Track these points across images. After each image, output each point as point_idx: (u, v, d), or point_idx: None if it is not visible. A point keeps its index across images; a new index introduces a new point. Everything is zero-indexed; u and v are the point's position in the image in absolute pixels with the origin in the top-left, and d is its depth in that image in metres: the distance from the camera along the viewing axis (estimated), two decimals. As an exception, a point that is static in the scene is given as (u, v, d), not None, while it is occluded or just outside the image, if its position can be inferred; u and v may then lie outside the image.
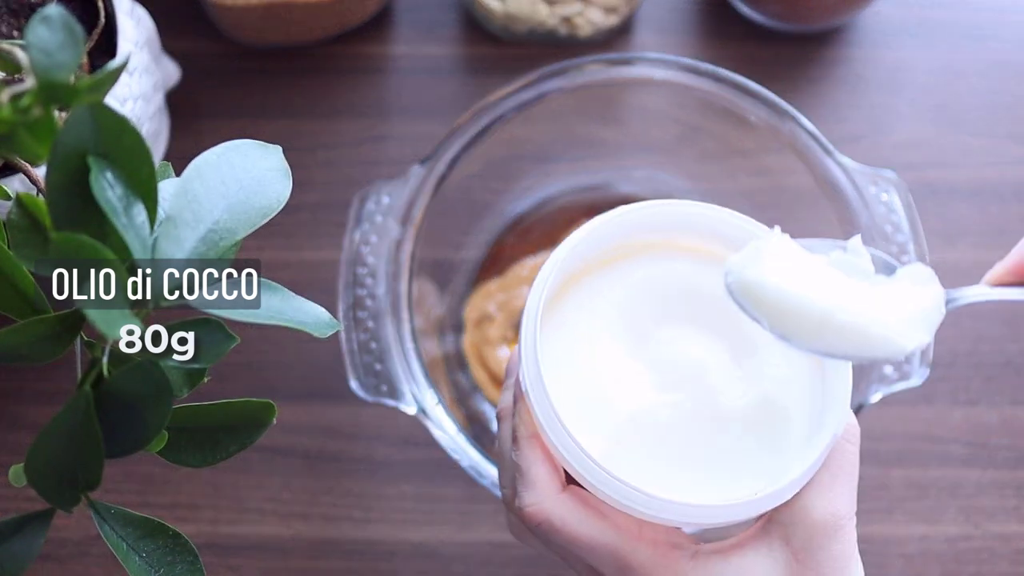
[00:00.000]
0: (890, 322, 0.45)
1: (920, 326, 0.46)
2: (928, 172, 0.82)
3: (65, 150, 0.34)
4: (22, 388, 0.76)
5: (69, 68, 0.33)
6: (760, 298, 0.45)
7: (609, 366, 0.50)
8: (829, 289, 0.45)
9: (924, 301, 0.47)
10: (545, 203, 0.80)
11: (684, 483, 0.47)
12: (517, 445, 0.48)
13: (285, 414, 0.76)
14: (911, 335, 0.45)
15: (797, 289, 0.45)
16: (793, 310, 0.45)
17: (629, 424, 0.48)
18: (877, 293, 0.46)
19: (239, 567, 0.73)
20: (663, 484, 0.46)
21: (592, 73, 0.69)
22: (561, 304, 0.51)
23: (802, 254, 0.47)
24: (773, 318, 0.45)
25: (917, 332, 0.46)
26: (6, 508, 0.73)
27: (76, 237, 0.33)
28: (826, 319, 0.44)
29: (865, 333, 0.44)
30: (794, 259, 0.46)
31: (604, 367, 0.50)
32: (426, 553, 0.74)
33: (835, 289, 0.45)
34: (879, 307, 0.45)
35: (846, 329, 0.44)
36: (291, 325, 0.38)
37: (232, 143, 0.39)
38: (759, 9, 0.82)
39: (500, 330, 0.76)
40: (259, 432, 0.42)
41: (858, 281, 0.46)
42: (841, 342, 0.45)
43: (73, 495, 0.38)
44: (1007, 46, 0.85)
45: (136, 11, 0.71)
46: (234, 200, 0.38)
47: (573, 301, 0.51)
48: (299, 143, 0.82)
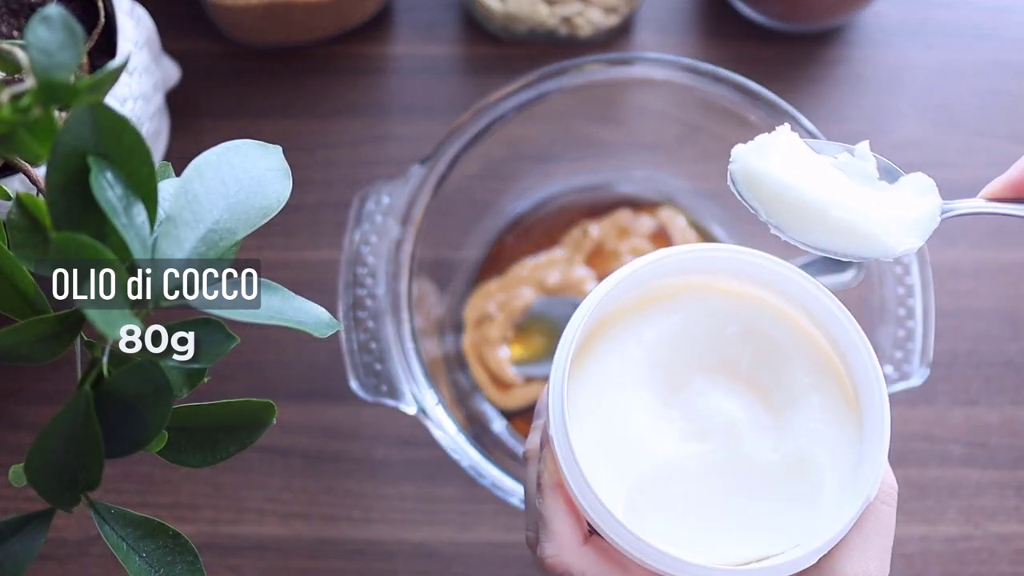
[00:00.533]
0: (882, 223, 0.46)
1: (912, 231, 0.47)
2: (928, 172, 0.81)
3: (65, 150, 0.34)
4: (22, 388, 0.76)
5: (69, 68, 0.33)
6: (760, 187, 0.47)
7: (638, 414, 0.49)
8: (828, 186, 0.46)
9: (921, 208, 0.47)
10: (545, 203, 0.80)
11: (708, 540, 0.46)
12: (541, 493, 0.47)
13: (285, 414, 0.76)
14: (902, 238, 0.46)
15: (796, 182, 0.46)
16: (790, 202, 0.46)
17: (654, 475, 0.47)
18: (876, 196, 0.46)
19: (239, 567, 0.73)
20: (686, 541, 0.45)
21: (592, 73, 0.69)
22: (592, 347, 0.50)
23: (808, 152, 0.47)
24: (770, 208, 0.47)
25: (908, 236, 0.46)
26: (6, 508, 0.73)
27: (76, 237, 0.33)
28: (820, 213, 0.46)
29: (856, 231, 0.46)
30: (799, 155, 0.47)
31: (632, 415, 0.48)
32: (426, 553, 0.74)
33: (834, 187, 0.46)
34: (874, 208, 0.46)
35: (839, 225, 0.45)
36: (291, 325, 0.38)
37: (232, 143, 0.39)
38: (759, 9, 0.82)
39: (500, 330, 0.76)
40: (259, 432, 0.42)
41: (860, 184, 0.47)
42: (832, 237, 0.46)
43: (73, 495, 0.38)
44: (1007, 46, 0.85)
45: (136, 11, 0.71)
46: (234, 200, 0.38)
47: (605, 345, 0.50)
48: (299, 143, 0.82)
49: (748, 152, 0.47)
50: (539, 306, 0.77)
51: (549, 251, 0.78)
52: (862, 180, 0.48)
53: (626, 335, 0.50)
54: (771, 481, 0.47)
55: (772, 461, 0.47)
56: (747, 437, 0.48)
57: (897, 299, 0.65)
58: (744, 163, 0.47)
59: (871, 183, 0.48)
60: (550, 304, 0.77)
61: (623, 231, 0.78)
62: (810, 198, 0.46)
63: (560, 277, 0.77)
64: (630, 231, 0.78)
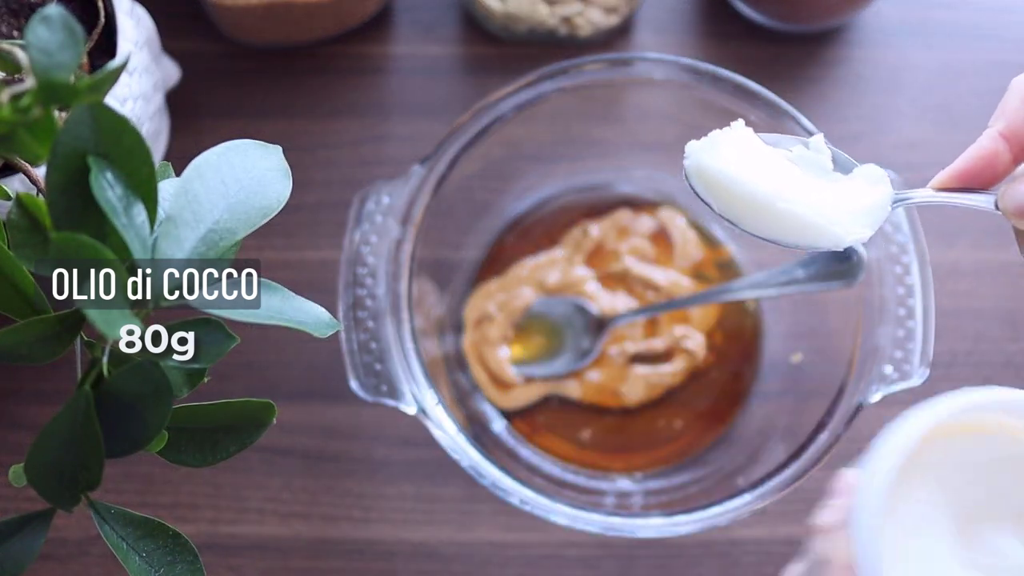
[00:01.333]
0: (830, 214, 0.47)
1: (863, 220, 0.48)
2: (928, 172, 0.81)
3: (65, 150, 0.34)
4: (22, 388, 0.76)
5: (69, 68, 0.33)
6: (711, 182, 0.48)
7: (938, 564, 0.46)
8: (778, 179, 0.47)
9: (872, 199, 0.48)
10: (545, 203, 0.80)
11: None
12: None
13: (285, 414, 0.76)
14: (851, 228, 0.47)
15: (744, 176, 0.47)
16: (739, 195, 0.48)
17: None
18: (829, 187, 0.48)
19: (239, 567, 0.73)
20: None
21: (592, 73, 0.69)
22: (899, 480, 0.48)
23: (761, 146, 0.49)
24: (721, 201, 0.48)
25: (858, 226, 0.47)
26: (6, 508, 0.74)
27: (76, 237, 0.33)
28: (768, 205, 0.47)
29: (804, 221, 0.47)
30: (752, 149, 0.49)
31: (934, 564, 0.46)
32: (426, 553, 0.74)
33: (784, 180, 0.47)
34: (824, 200, 0.47)
35: (786, 216, 0.47)
36: (291, 325, 0.38)
37: (232, 143, 0.39)
38: (759, 9, 0.82)
39: (500, 330, 0.76)
40: (259, 432, 0.42)
41: (815, 176, 0.48)
42: (782, 228, 0.47)
43: (73, 495, 0.38)
44: (1007, 46, 0.85)
45: (136, 11, 0.71)
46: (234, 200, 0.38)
47: (910, 481, 0.48)
48: (299, 143, 0.82)
49: (700, 148, 0.49)
50: (539, 306, 0.77)
51: (549, 251, 0.78)
52: (817, 172, 0.49)
53: (930, 476, 0.49)
54: None
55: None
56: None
57: (897, 299, 0.65)
58: (696, 159, 0.49)
59: (826, 175, 0.49)
60: (550, 304, 0.77)
61: (623, 231, 0.78)
62: (758, 191, 0.47)
63: (560, 277, 0.77)
64: (630, 231, 0.78)
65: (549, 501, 0.62)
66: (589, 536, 0.73)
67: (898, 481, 0.47)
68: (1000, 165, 0.46)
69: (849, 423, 0.63)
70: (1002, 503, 0.47)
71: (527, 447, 0.75)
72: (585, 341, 0.76)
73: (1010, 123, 0.46)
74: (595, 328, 0.75)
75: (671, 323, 0.77)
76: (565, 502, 0.63)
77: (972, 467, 0.48)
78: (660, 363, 0.76)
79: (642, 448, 0.76)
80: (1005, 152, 0.46)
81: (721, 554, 0.74)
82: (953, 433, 0.49)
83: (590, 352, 0.75)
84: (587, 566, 0.74)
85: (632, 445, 0.76)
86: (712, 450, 0.75)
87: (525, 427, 0.76)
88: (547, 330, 0.77)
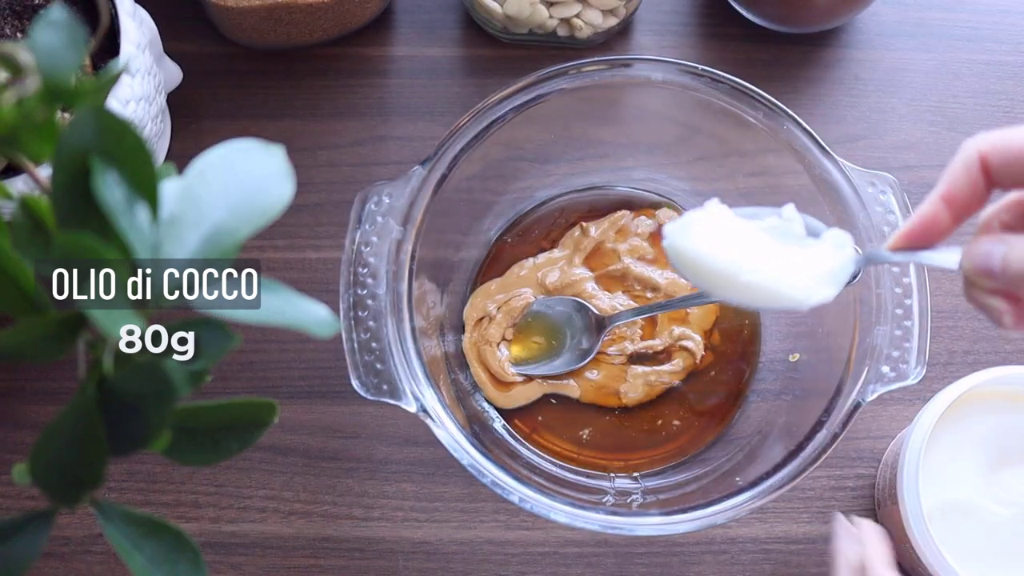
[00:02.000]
0: (793, 281, 0.53)
1: (826, 282, 0.53)
2: (925, 173, 0.82)
3: (68, 151, 0.34)
4: (25, 387, 0.77)
5: (71, 70, 0.34)
6: (685, 262, 0.55)
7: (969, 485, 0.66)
8: (745, 255, 0.54)
9: (835, 262, 0.54)
10: (545, 203, 0.80)
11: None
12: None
13: (287, 413, 0.76)
14: (815, 290, 0.53)
15: (714, 255, 0.54)
16: (709, 271, 0.54)
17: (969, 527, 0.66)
18: (798, 253, 0.53)
19: (241, 565, 0.74)
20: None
21: (591, 75, 0.69)
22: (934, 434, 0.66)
23: (733, 222, 0.55)
24: (695, 277, 0.55)
25: (821, 287, 0.53)
26: (9, 507, 0.74)
27: (80, 237, 0.33)
28: (732, 279, 0.53)
29: (767, 289, 0.53)
30: (723, 228, 0.55)
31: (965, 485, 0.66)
32: (427, 551, 0.74)
33: (751, 254, 0.54)
34: (788, 268, 0.53)
35: (751, 286, 0.53)
36: (292, 325, 0.38)
37: (234, 143, 0.39)
38: (757, 11, 0.82)
39: (500, 329, 0.77)
40: (261, 431, 0.42)
41: (787, 243, 0.54)
42: (749, 295, 0.54)
43: (76, 493, 0.38)
44: (1004, 47, 0.85)
45: (138, 13, 0.71)
46: (236, 200, 0.38)
47: (944, 435, 0.67)
48: (300, 144, 0.82)
49: (675, 230, 0.55)
50: (539, 306, 0.77)
51: (549, 251, 0.79)
52: (789, 239, 0.54)
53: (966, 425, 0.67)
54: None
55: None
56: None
57: (894, 298, 0.65)
58: (671, 240, 0.55)
59: (798, 241, 0.54)
60: (550, 303, 0.77)
61: (622, 231, 0.79)
62: (725, 267, 0.54)
63: (559, 277, 0.77)
64: (629, 231, 0.79)
65: (549, 499, 0.62)
66: (588, 534, 0.74)
67: (941, 425, 0.66)
68: (940, 226, 0.49)
69: (847, 422, 0.63)
70: (1019, 452, 0.66)
71: (527, 446, 0.75)
72: (585, 341, 0.76)
73: (949, 187, 0.48)
74: (595, 328, 0.76)
75: (670, 323, 0.77)
76: (565, 500, 0.63)
77: (999, 424, 0.67)
78: (659, 363, 0.77)
79: (641, 447, 0.76)
80: (945, 215, 0.49)
81: (719, 552, 0.74)
82: (985, 396, 0.67)
83: (590, 352, 0.76)
84: (586, 564, 0.74)
85: (631, 444, 0.76)
86: (711, 449, 0.75)
87: (525, 426, 0.76)
88: (547, 330, 0.77)
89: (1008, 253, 0.46)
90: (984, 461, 0.67)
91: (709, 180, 0.78)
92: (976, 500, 0.66)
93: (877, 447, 0.76)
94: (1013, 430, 0.67)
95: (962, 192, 0.48)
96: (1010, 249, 0.46)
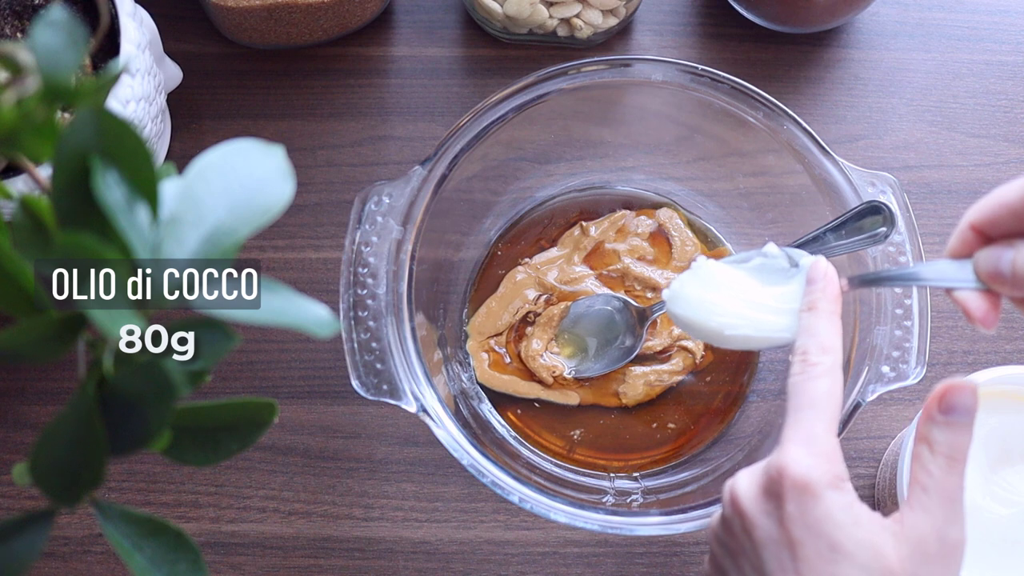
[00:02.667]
0: (771, 323, 0.57)
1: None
2: (925, 172, 0.82)
3: (69, 151, 0.34)
4: (25, 388, 0.77)
5: (71, 70, 0.34)
6: (682, 323, 0.60)
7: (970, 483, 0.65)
8: (728, 308, 0.58)
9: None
10: (545, 203, 0.80)
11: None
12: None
13: (287, 413, 0.76)
14: (793, 327, 0.56)
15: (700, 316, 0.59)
16: (702, 330, 0.59)
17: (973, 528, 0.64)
18: (779, 292, 0.57)
19: (241, 565, 0.74)
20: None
21: (591, 75, 0.69)
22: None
23: (722, 273, 0.59)
24: (692, 333, 0.61)
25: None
26: (9, 507, 0.74)
27: (80, 237, 0.34)
28: (721, 334, 0.58)
29: (750, 338, 0.57)
30: (713, 282, 0.60)
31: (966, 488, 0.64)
32: (427, 551, 0.74)
33: (734, 307, 0.58)
34: (768, 311, 0.57)
35: (736, 338, 0.58)
36: (292, 325, 0.38)
37: (234, 143, 0.39)
38: (757, 11, 0.82)
39: (543, 342, 0.76)
40: (261, 431, 0.42)
41: (774, 280, 0.58)
42: (738, 343, 0.58)
43: (76, 493, 0.38)
44: (1004, 47, 0.85)
45: (138, 13, 0.71)
46: (236, 200, 0.38)
47: None
48: (300, 144, 0.82)
49: (671, 297, 0.61)
50: (577, 307, 0.77)
51: (548, 251, 0.79)
52: (775, 275, 0.58)
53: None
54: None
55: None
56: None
57: (894, 298, 0.65)
58: (670, 307, 0.61)
59: (784, 275, 0.58)
60: (588, 303, 0.77)
61: (622, 231, 0.79)
62: (712, 327, 0.59)
63: (559, 275, 0.77)
64: (629, 231, 0.79)
65: (549, 499, 0.63)
66: (588, 534, 0.74)
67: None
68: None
69: (847, 422, 0.63)
70: (1019, 451, 0.67)
71: (527, 446, 0.75)
72: (628, 337, 0.76)
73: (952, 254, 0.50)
74: (637, 321, 0.75)
75: (670, 323, 0.77)
76: (564, 500, 0.63)
77: (999, 424, 0.67)
78: (659, 362, 0.77)
79: (641, 447, 0.76)
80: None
81: (720, 552, 0.74)
82: (985, 396, 0.67)
83: (635, 347, 0.75)
84: (586, 564, 0.74)
85: (631, 444, 0.76)
86: (711, 449, 0.75)
87: (525, 426, 0.76)
88: (590, 331, 0.77)
89: (1016, 256, 0.46)
90: (984, 461, 0.67)
91: (709, 180, 0.78)
92: (976, 500, 0.66)
93: (877, 447, 0.76)
94: (1013, 430, 0.67)
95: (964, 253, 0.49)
96: (1018, 253, 0.46)
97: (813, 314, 0.54)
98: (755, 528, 0.48)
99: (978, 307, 0.48)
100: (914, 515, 0.47)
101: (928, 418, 0.49)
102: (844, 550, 0.46)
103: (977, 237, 0.49)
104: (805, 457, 0.48)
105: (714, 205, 0.79)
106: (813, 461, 0.47)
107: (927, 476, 0.48)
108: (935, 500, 0.47)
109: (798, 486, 0.47)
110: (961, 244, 0.49)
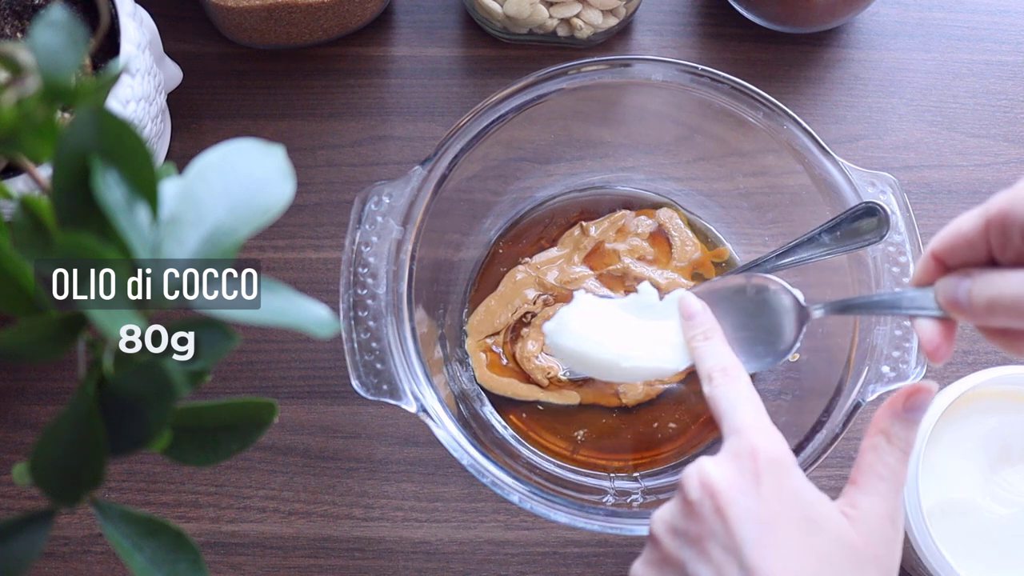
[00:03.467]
0: (660, 354, 0.61)
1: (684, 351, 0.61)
2: (925, 172, 0.82)
3: (69, 151, 0.34)
4: (25, 388, 0.77)
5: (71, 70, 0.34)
6: (566, 355, 0.64)
7: (968, 480, 0.67)
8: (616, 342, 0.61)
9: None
10: (545, 203, 0.80)
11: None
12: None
13: (287, 413, 0.76)
14: (679, 359, 0.60)
15: (587, 349, 0.62)
16: (588, 362, 0.62)
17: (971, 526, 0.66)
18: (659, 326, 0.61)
19: (241, 565, 0.74)
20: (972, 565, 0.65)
21: (591, 75, 0.69)
22: (936, 432, 0.67)
23: (600, 308, 0.63)
24: (578, 367, 0.64)
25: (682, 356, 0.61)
26: (9, 507, 0.74)
27: (80, 237, 0.34)
28: (613, 365, 0.62)
29: (643, 368, 0.61)
30: (593, 315, 0.63)
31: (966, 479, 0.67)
32: (426, 551, 0.74)
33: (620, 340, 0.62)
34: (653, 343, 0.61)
35: (632, 370, 0.61)
36: (292, 325, 0.38)
37: (234, 143, 0.39)
38: (757, 11, 0.82)
39: (501, 337, 0.77)
40: (261, 431, 0.42)
41: (647, 316, 0.62)
42: (627, 375, 0.62)
43: (76, 493, 0.38)
44: (1003, 47, 0.85)
45: (138, 13, 0.71)
46: (236, 200, 0.38)
47: (946, 434, 0.68)
48: (300, 144, 0.82)
49: (553, 330, 0.64)
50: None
51: (548, 251, 0.79)
52: (646, 311, 0.62)
53: (968, 423, 0.68)
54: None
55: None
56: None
57: (894, 299, 0.65)
58: (551, 340, 0.64)
59: (652, 311, 0.62)
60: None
61: (622, 231, 0.79)
62: (601, 359, 0.62)
63: (559, 275, 0.77)
64: (629, 231, 0.79)
65: (549, 499, 0.63)
66: (588, 534, 0.74)
67: (941, 425, 0.67)
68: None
69: (847, 422, 0.63)
70: (1019, 451, 0.67)
71: (527, 446, 0.75)
72: None
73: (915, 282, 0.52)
74: None
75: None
76: (564, 500, 0.63)
77: (999, 424, 0.68)
78: (659, 363, 0.77)
79: (641, 447, 0.76)
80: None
81: (720, 552, 0.74)
82: (985, 396, 0.68)
83: None
84: (586, 564, 0.74)
85: (631, 444, 0.76)
86: (710, 449, 0.75)
87: (525, 426, 0.76)
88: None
89: (972, 286, 0.47)
90: (984, 460, 0.67)
91: (709, 180, 0.78)
92: (976, 499, 0.66)
93: (877, 447, 0.76)
94: (1013, 430, 0.67)
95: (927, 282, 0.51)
96: (974, 283, 0.47)
97: (709, 342, 0.59)
98: (730, 506, 0.49)
99: (930, 340, 0.50)
100: (870, 500, 0.51)
101: (892, 413, 0.52)
102: (817, 522, 0.49)
103: (938, 266, 0.50)
104: (770, 436, 0.51)
105: (714, 205, 0.79)
106: (777, 439, 0.51)
107: (883, 466, 0.51)
108: (890, 487, 0.51)
109: (774, 461, 0.50)
110: (924, 273, 0.51)
